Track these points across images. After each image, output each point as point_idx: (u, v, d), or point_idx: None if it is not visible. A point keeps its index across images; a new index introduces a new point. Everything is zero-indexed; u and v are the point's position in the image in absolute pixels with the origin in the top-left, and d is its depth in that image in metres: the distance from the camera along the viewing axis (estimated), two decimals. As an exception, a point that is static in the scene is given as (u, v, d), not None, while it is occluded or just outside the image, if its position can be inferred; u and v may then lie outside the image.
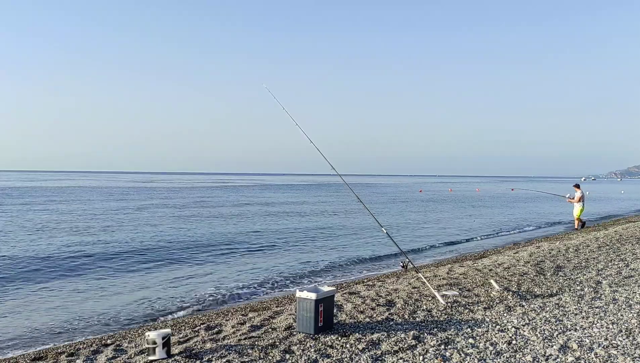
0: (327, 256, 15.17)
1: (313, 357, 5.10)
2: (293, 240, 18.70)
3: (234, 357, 5.14)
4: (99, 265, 13.40)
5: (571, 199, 20.85)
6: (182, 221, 25.19)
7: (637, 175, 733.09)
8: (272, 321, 6.66)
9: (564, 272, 9.76)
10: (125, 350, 5.72)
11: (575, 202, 20.48)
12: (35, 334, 7.76)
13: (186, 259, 14.43)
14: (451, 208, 38.02)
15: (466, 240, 19.55)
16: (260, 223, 24.82)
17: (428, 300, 7.55)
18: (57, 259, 14.13)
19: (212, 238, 19.00)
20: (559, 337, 5.64)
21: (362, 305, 7.27)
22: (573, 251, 12.53)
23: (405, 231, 22.10)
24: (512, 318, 6.45)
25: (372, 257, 15.04)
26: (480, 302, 7.37)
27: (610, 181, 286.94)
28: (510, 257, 12.02)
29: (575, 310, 6.83)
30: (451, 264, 11.94)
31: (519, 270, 10.08)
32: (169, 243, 17.50)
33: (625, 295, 7.73)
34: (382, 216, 28.90)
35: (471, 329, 6.00)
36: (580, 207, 20.39)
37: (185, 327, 7.00)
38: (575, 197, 20.44)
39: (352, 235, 20.57)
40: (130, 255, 14.85)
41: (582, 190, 20.68)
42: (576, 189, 20.63)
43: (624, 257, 11.55)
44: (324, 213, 31.68)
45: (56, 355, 5.94)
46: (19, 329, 7.95)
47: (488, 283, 8.65)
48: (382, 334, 5.81)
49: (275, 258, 14.77)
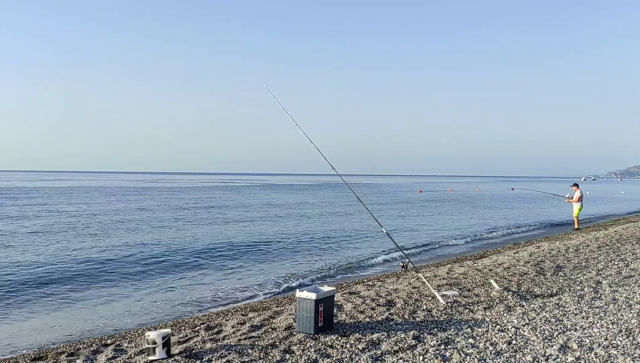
0: (327, 256, 15.18)
1: (313, 357, 5.10)
2: (293, 240, 18.69)
3: (234, 357, 5.14)
4: (99, 264, 13.39)
5: (570, 199, 20.80)
6: (182, 222, 25.19)
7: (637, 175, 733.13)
8: (272, 321, 6.66)
9: (564, 272, 9.76)
10: (125, 350, 5.72)
11: (575, 202, 20.44)
12: (35, 334, 7.76)
13: (186, 259, 14.42)
14: (451, 208, 38.02)
15: (466, 240, 19.55)
16: (261, 223, 24.82)
17: (428, 300, 7.55)
18: (57, 260, 14.13)
19: (212, 238, 18.99)
20: (559, 337, 5.64)
21: (362, 305, 7.27)
22: (573, 251, 12.53)
23: (405, 231, 22.11)
24: (512, 318, 6.45)
25: (372, 257, 15.04)
26: (480, 302, 7.37)
27: (610, 181, 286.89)
28: (510, 257, 12.02)
29: (575, 310, 6.83)
30: (451, 264, 11.94)
31: (519, 270, 10.08)
32: (169, 243, 17.50)
33: (625, 295, 7.73)
34: (382, 216, 28.90)
35: (471, 329, 6.00)
36: (579, 206, 20.35)
37: (185, 327, 7.01)
38: (575, 197, 20.41)
39: (352, 234, 20.56)
40: (130, 255, 14.85)
41: (581, 189, 20.65)
42: (575, 188, 20.61)
43: (624, 257, 11.55)
44: (324, 213, 31.68)
45: (56, 355, 5.94)
46: (18, 329, 7.95)
47: (488, 283, 8.65)
48: (382, 334, 5.81)
49: (275, 258, 14.77)
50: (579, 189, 20.46)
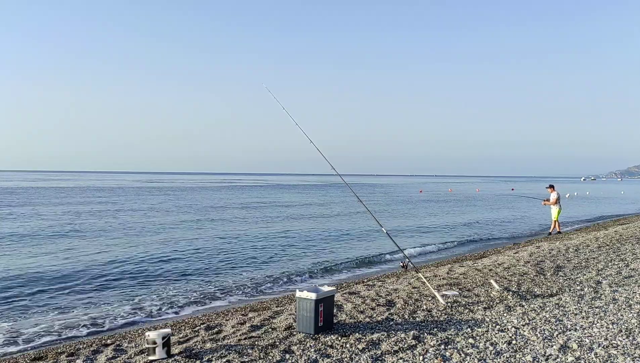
0: (327, 256, 15.17)
1: (313, 357, 5.09)
2: (293, 240, 18.69)
3: (234, 357, 5.14)
4: (99, 265, 13.39)
5: (547, 201, 19.69)
6: (181, 222, 25.19)
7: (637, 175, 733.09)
8: (272, 321, 6.66)
9: (564, 272, 9.76)
10: (125, 350, 5.72)
11: (552, 204, 19.34)
12: (35, 334, 7.76)
13: (185, 259, 14.41)
14: (451, 208, 38.01)
15: (466, 240, 19.55)
16: (261, 223, 24.82)
17: (428, 300, 7.55)
18: (57, 260, 14.13)
19: (212, 238, 18.99)
20: (559, 337, 5.64)
21: (362, 305, 7.27)
22: (573, 251, 12.53)
23: (405, 231, 22.10)
24: (512, 318, 6.45)
25: (372, 257, 15.04)
26: (480, 302, 7.37)
27: (610, 181, 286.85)
28: (510, 257, 12.02)
29: (575, 310, 6.83)
30: (451, 264, 11.94)
31: (519, 270, 10.08)
32: (169, 242, 17.49)
33: (625, 295, 7.73)
34: (382, 216, 28.90)
35: (471, 329, 6.00)
36: (558, 209, 19.24)
37: (185, 327, 7.00)
38: (552, 199, 19.31)
39: (352, 234, 20.56)
40: (130, 255, 14.84)
41: (558, 191, 19.53)
42: (550, 190, 19.54)
43: (624, 257, 11.55)
44: (324, 213, 31.67)
45: (56, 355, 5.94)
46: (18, 329, 7.95)
47: (488, 283, 8.65)
48: (382, 334, 5.81)
49: (275, 258, 14.76)
50: (555, 191, 19.43)
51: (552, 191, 19.46)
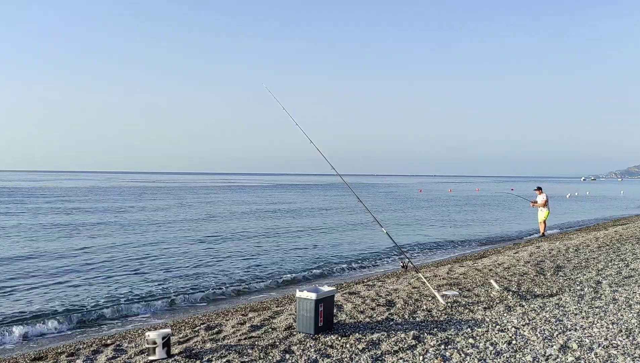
0: (327, 256, 15.17)
1: (313, 357, 5.09)
2: (293, 240, 18.69)
3: (234, 357, 5.14)
4: (99, 265, 13.39)
5: (534, 203, 19.60)
6: (181, 222, 25.18)
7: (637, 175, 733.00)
8: (272, 321, 6.66)
9: (564, 272, 9.76)
10: (125, 350, 5.72)
11: (540, 206, 19.21)
12: (34, 334, 7.76)
13: (185, 258, 14.41)
14: (451, 208, 38.00)
15: (466, 240, 19.54)
16: (261, 223, 24.82)
17: (428, 300, 7.55)
18: (57, 260, 14.12)
19: (211, 237, 18.99)
20: (559, 337, 5.64)
21: (362, 305, 7.27)
22: (573, 251, 12.53)
23: (405, 231, 22.10)
24: (512, 318, 6.45)
25: (372, 257, 15.05)
26: (480, 302, 7.37)
27: (610, 181, 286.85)
28: (510, 257, 12.02)
29: (575, 310, 6.83)
30: (451, 264, 11.94)
31: (519, 270, 10.08)
32: (168, 242, 17.49)
33: (625, 295, 7.73)
34: (382, 216, 28.89)
35: (471, 329, 6.00)
36: (547, 211, 19.14)
37: (185, 327, 7.01)
38: (540, 201, 19.28)
39: (352, 234, 20.56)
40: (130, 255, 14.84)
41: (546, 194, 19.35)
42: (538, 192, 19.40)
43: (624, 257, 11.55)
44: (324, 213, 31.67)
45: (56, 355, 5.95)
46: (19, 328, 7.94)
47: (488, 283, 8.65)
48: (382, 334, 5.81)
49: (275, 258, 14.76)
50: (543, 193, 19.27)
51: (540, 193, 19.35)
